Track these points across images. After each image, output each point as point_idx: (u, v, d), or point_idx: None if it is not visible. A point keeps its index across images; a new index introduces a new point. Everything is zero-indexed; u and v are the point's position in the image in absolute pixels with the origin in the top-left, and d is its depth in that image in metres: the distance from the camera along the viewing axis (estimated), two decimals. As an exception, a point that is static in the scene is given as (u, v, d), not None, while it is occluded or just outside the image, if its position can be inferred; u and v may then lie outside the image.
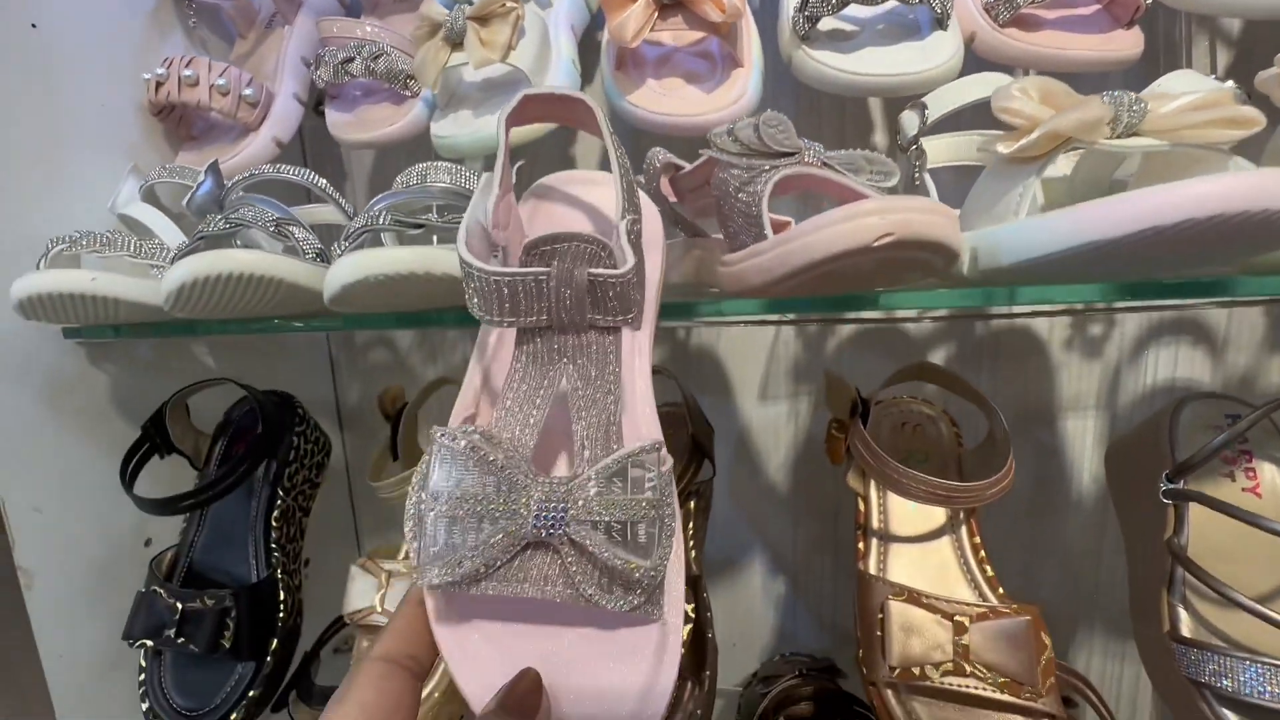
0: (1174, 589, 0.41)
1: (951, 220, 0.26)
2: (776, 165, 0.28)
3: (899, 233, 0.24)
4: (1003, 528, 0.64)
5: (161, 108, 0.58)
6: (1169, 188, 0.23)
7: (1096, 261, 0.26)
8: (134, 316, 0.46)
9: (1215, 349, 0.58)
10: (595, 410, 0.24)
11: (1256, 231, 0.24)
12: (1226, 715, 0.37)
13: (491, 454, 0.21)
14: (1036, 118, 0.28)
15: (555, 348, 0.25)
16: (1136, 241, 0.24)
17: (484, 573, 0.21)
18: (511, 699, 0.20)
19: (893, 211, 0.24)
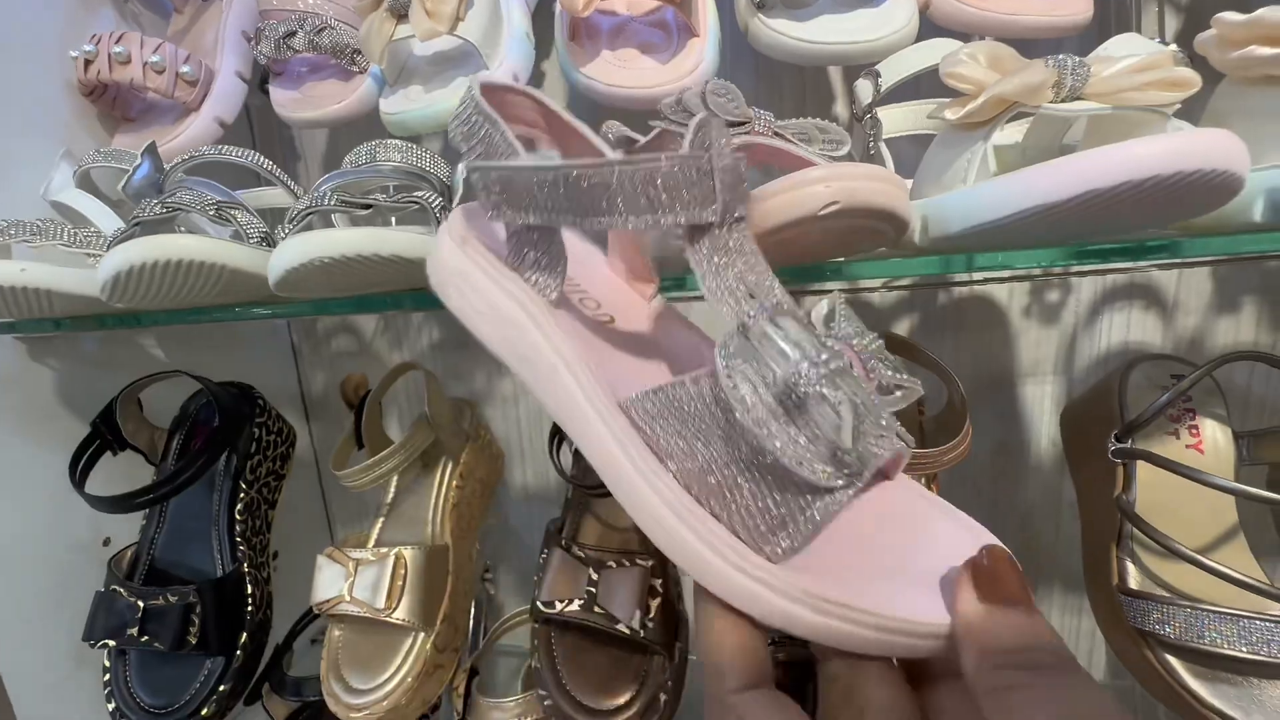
0: (1123, 544, 0.42)
1: (900, 188, 0.26)
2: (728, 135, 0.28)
3: (844, 201, 0.24)
4: (965, 491, 0.66)
5: (93, 87, 0.55)
6: (1104, 151, 0.23)
7: (1044, 225, 0.26)
8: (71, 309, 0.44)
9: (1166, 312, 0.59)
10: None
11: (1193, 192, 0.24)
12: (1169, 660, 0.38)
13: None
14: (982, 82, 0.28)
15: (725, 246, 0.21)
16: (1078, 205, 0.24)
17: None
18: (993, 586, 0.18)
19: (838, 179, 0.24)
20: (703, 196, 0.20)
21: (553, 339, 0.23)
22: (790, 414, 0.19)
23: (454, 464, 0.58)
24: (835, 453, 0.19)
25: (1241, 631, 0.36)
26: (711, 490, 0.19)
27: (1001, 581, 0.18)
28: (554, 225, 0.22)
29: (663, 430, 0.20)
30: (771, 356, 0.19)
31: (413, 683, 0.46)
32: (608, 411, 0.21)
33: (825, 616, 0.18)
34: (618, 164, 0.20)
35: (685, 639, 0.43)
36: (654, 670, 0.41)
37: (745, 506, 0.19)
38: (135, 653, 0.52)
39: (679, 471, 0.20)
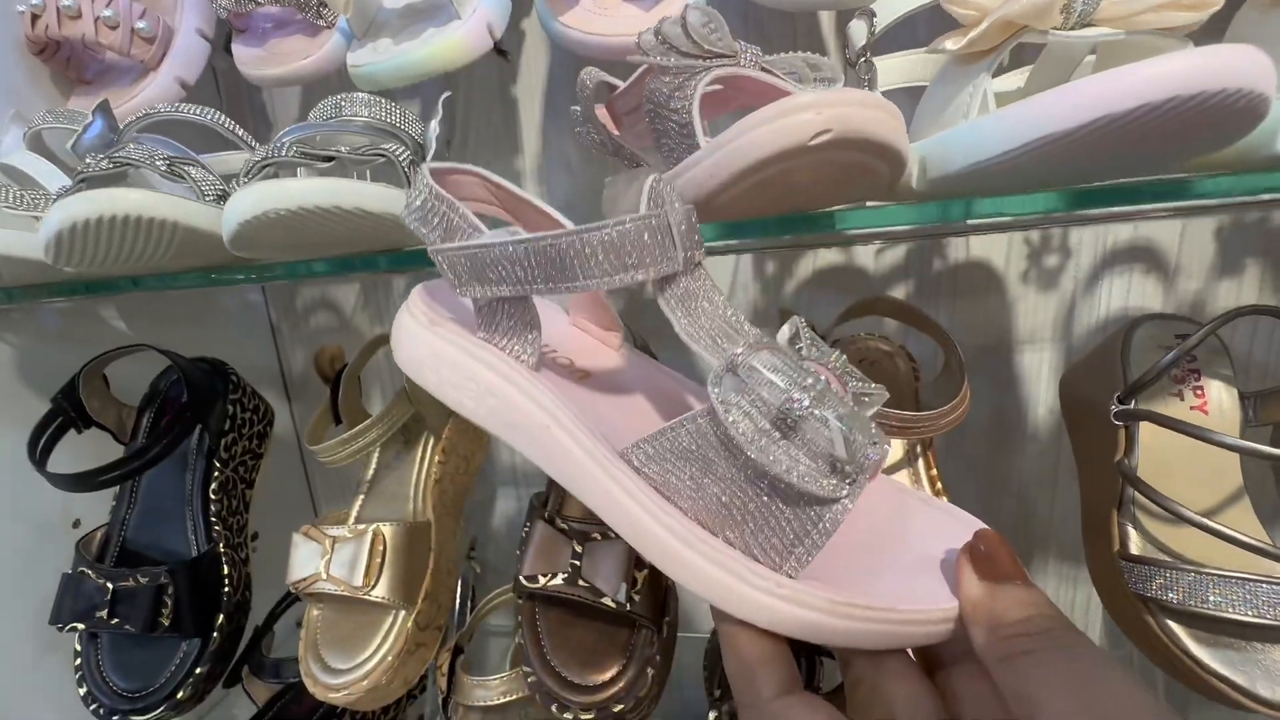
0: (1124, 509, 0.41)
1: (897, 119, 0.24)
2: (709, 66, 0.26)
3: (837, 129, 0.21)
4: (962, 460, 0.65)
5: (43, 45, 0.52)
6: (1119, 71, 0.21)
7: (1052, 161, 0.24)
8: (20, 275, 0.41)
9: (1167, 276, 0.58)
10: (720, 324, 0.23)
11: (1214, 117, 0.22)
12: (1170, 626, 0.37)
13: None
14: (986, 7, 0.26)
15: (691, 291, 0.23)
16: (1091, 133, 0.22)
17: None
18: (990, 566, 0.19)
19: (830, 105, 0.21)
20: (664, 251, 0.22)
21: (540, 400, 0.23)
22: (789, 437, 0.20)
23: (436, 439, 0.56)
24: (835, 465, 0.20)
25: (1247, 595, 0.35)
26: (723, 520, 0.21)
27: (997, 561, 0.20)
28: (526, 294, 0.23)
29: (666, 471, 0.21)
30: (762, 388, 0.20)
31: (393, 661, 0.44)
32: (608, 461, 0.22)
33: (848, 620, 0.19)
34: (582, 232, 0.21)
35: (673, 612, 0.42)
36: (641, 644, 0.39)
37: (759, 529, 0.20)
38: (108, 636, 0.50)
39: (688, 508, 0.21)
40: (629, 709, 0.37)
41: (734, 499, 0.21)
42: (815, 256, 0.63)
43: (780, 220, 0.32)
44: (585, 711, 0.37)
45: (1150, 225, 0.57)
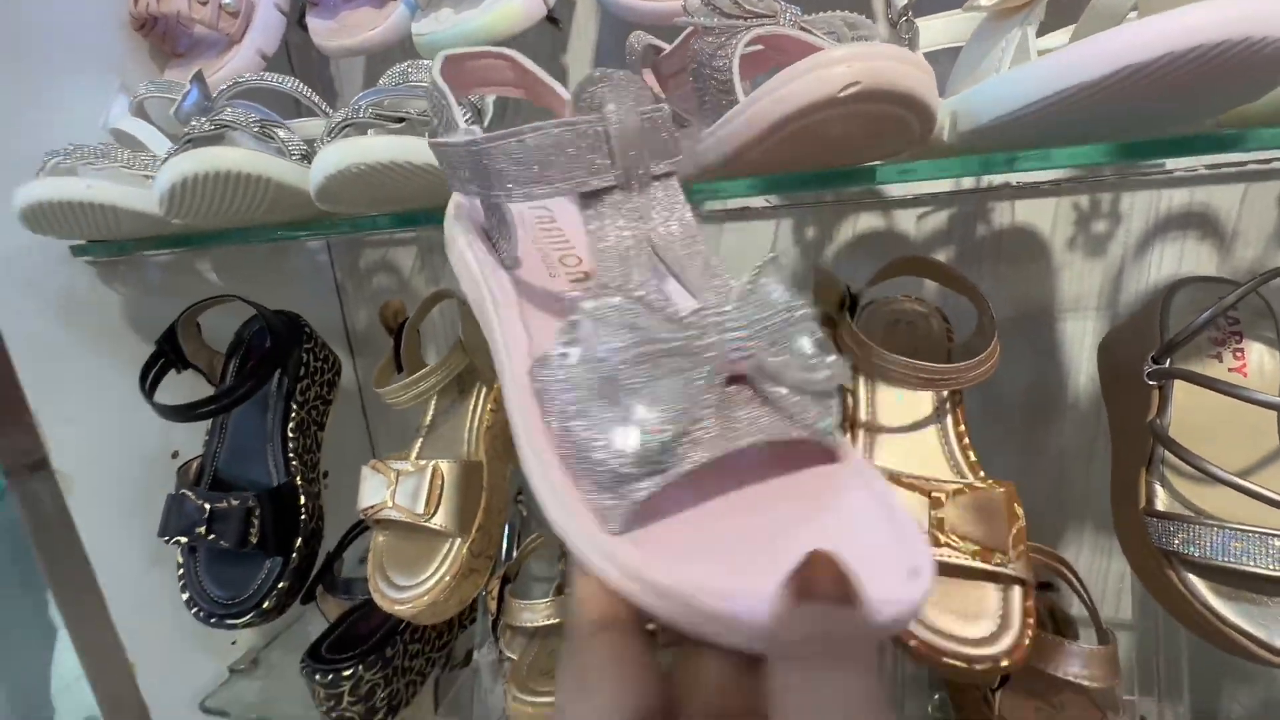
0: (1153, 468, 0.42)
1: (925, 72, 0.25)
2: (749, 26, 0.28)
3: (865, 81, 0.23)
4: (997, 430, 0.65)
5: (143, 21, 0.57)
6: (1144, 21, 0.22)
7: (1078, 113, 0.25)
8: (134, 228, 0.47)
9: (1223, 244, 0.56)
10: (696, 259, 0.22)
11: (1240, 67, 0.23)
12: (1191, 579, 0.38)
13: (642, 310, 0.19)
14: (1020, -38, 0.27)
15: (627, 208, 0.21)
16: (1116, 84, 0.23)
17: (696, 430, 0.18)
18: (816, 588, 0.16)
19: (859, 59, 0.23)
20: (596, 162, 0.21)
21: (493, 292, 0.25)
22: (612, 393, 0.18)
23: (488, 390, 0.60)
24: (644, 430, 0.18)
25: (1269, 549, 0.36)
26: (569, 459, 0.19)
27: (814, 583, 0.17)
28: (476, 197, 0.23)
29: (548, 396, 0.20)
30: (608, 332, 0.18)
31: (450, 582, 0.49)
32: (516, 372, 0.21)
33: (644, 594, 0.17)
34: (508, 136, 0.20)
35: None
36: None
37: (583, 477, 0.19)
38: (204, 550, 0.57)
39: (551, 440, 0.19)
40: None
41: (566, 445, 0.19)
42: (856, 220, 0.64)
43: (820, 175, 0.34)
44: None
45: (1208, 190, 0.55)
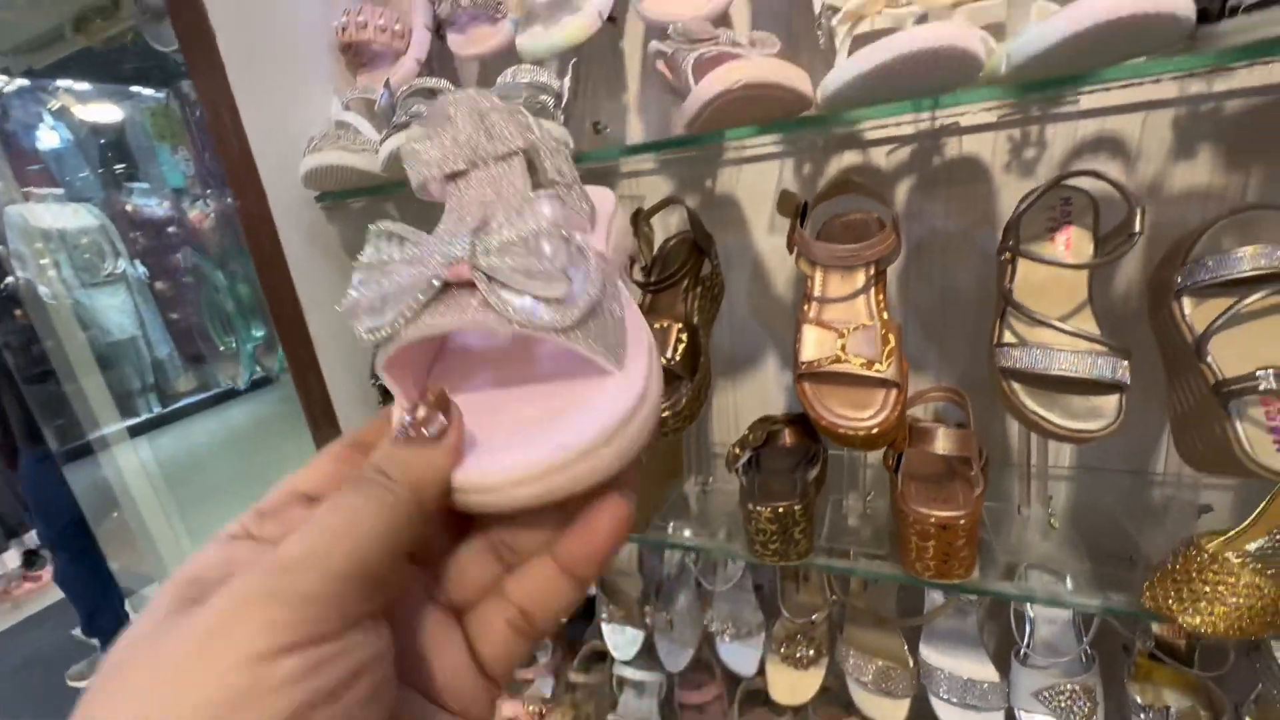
0: (1004, 318, 0.61)
1: (788, 70, 0.47)
2: (694, 49, 0.51)
3: (745, 78, 0.46)
4: (957, 313, 0.84)
5: (346, 45, 0.87)
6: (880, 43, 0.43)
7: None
8: (358, 181, 0.77)
9: (1130, 161, 0.71)
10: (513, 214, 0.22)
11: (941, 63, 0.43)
12: (1014, 385, 0.58)
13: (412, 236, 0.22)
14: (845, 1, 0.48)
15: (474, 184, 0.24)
16: (878, 72, 0.45)
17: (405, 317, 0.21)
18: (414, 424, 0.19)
19: (740, 69, 0.46)
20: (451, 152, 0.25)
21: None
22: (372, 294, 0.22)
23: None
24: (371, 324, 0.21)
25: (1051, 357, 0.55)
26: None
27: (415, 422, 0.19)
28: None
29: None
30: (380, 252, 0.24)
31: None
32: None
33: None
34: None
35: (700, 374, 0.70)
36: (681, 387, 0.68)
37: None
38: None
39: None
40: (671, 415, 0.67)
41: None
42: (840, 158, 0.84)
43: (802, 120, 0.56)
44: (647, 416, 0.67)
45: (1115, 119, 0.70)
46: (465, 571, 0.21)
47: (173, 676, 0.14)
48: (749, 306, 0.96)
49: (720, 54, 0.52)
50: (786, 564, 0.70)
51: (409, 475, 0.18)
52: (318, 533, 0.16)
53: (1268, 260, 0.52)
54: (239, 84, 0.77)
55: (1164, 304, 0.58)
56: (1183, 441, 0.58)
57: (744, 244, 0.93)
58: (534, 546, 0.20)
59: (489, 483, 0.19)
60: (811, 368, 0.62)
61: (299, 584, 0.15)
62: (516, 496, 0.18)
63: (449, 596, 0.20)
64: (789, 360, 0.99)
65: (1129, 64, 0.43)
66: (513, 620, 0.20)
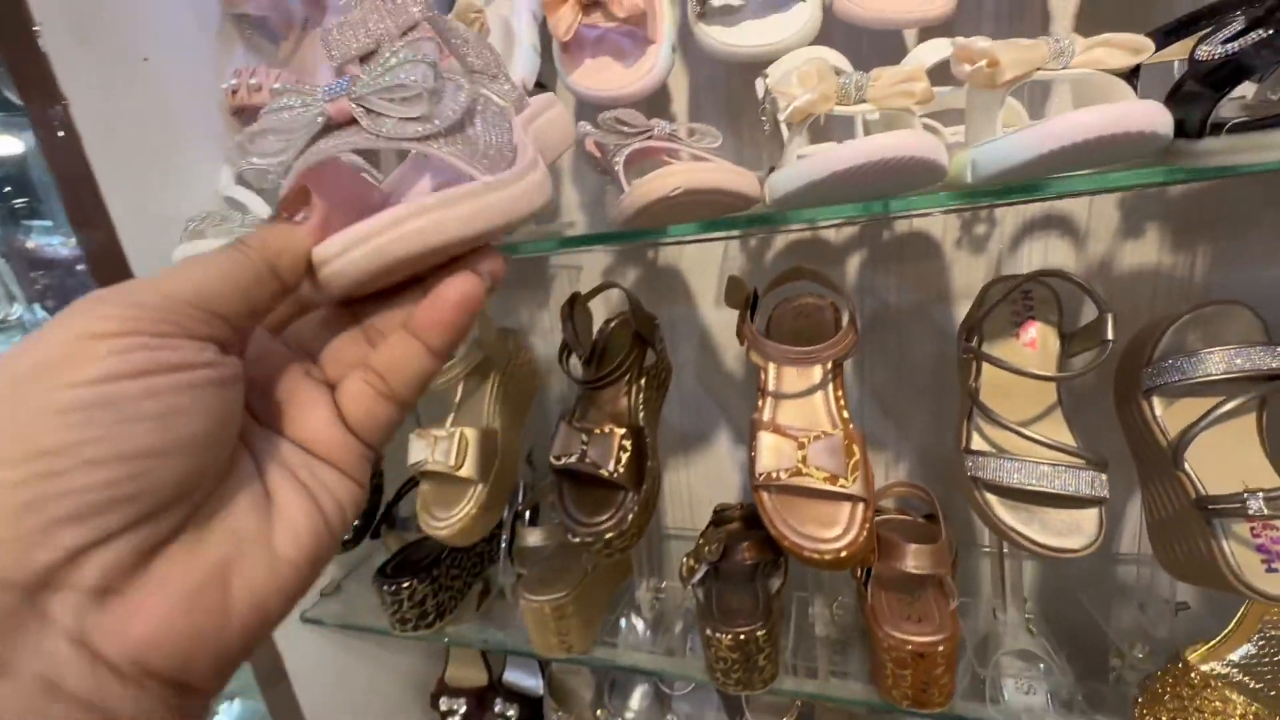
0: (971, 419, 0.57)
1: (730, 174, 0.41)
2: (627, 143, 0.44)
3: (685, 184, 0.40)
4: (912, 391, 0.80)
5: (238, 109, 0.77)
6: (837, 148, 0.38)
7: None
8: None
9: (1078, 240, 0.69)
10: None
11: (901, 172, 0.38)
12: (988, 496, 0.54)
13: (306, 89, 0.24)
14: (794, 97, 0.42)
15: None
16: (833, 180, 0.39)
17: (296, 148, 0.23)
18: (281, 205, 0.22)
19: (682, 173, 0.40)
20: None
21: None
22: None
23: (500, 374, 0.79)
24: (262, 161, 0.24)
25: (1030, 471, 0.51)
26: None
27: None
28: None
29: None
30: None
31: (475, 514, 0.68)
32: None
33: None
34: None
35: (649, 484, 0.62)
36: (626, 500, 0.60)
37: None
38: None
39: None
40: (615, 537, 0.58)
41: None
42: (788, 235, 0.79)
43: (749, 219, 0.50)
44: (588, 537, 0.59)
45: (1063, 200, 0.68)
46: (338, 352, 0.23)
47: (20, 347, 0.16)
48: (698, 380, 0.90)
49: (654, 149, 0.46)
50: (751, 692, 0.63)
51: (264, 244, 0.21)
52: (164, 272, 0.19)
53: (1240, 361, 0.49)
54: (100, 157, 0.65)
55: (1132, 400, 0.55)
56: (1162, 548, 0.54)
57: (691, 316, 0.87)
58: (395, 325, 0.23)
59: (330, 251, 0.21)
60: (771, 479, 0.56)
61: (135, 294, 0.18)
62: (352, 259, 0.21)
63: (325, 374, 0.23)
64: (741, 435, 0.93)
65: (1099, 176, 0.39)
66: (372, 382, 0.22)
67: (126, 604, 0.16)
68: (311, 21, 0.80)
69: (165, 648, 0.16)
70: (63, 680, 0.15)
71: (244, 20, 0.79)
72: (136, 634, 0.16)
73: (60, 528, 0.15)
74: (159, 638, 0.16)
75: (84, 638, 0.15)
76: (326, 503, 0.21)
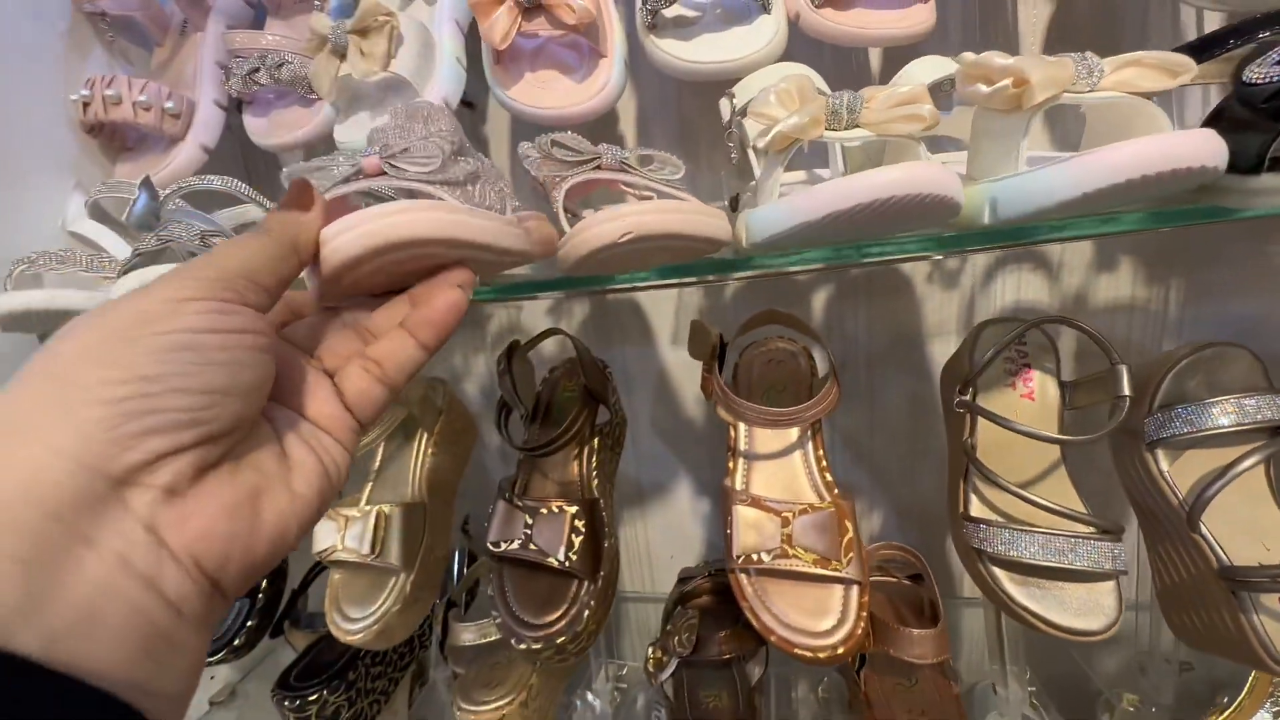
0: (968, 479, 0.50)
1: (693, 216, 0.33)
2: (568, 176, 0.36)
3: (636, 230, 0.31)
4: (886, 435, 0.74)
5: (92, 126, 0.64)
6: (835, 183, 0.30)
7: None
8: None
9: (1052, 273, 0.66)
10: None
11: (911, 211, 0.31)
12: (995, 571, 0.47)
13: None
14: (775, 117, 0.35)
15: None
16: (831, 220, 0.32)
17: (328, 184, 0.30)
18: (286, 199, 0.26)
19: (632, 215, 0.31)
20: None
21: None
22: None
23: (429, 434, 0.67)
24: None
25: (1043, 544, 0.45)
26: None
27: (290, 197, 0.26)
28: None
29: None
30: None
31: (398, 611, 0.56)
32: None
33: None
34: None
35: (607, 569, 0.53)
36: (580, 593, 0.51)
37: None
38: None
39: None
40: (569, 641, 0.48)
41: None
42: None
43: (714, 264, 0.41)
44: (536, 643, 0.48)
45: (1036, 229, 0.65)
46: (333, 346, 0.28)
47: (122, 303, 0.20)
48: (654, 428, 0.81)
49: (600, 181, 0.37)
50: (733, 808, 0.53)
51: (282, 225, 0.25)
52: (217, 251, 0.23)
53: (1252, 412, 0.45)
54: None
55: (1133, 450, 0.50)
56: (1176, 615, 0.49)
57: (646, 357, 0.78)
58: (387, 327, 0.28)
59: (332, 231, 0.26)
60: (752, 563, 0.48)
61: (202, 270, 0.22)
62: (347, 239, 0.25)
63: (323, 364, 0.27)
64: (704, 487, 0.85)
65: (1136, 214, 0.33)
66: (369, 367, 0.27)
67: (186, 505, 0.20)
68: (192, 25, 0.68)
69: (211, 545, 0.20)
70: (133, 559, 0.18)
71: (101, 20, 0.66)
72: (192, 529, 0.20)
73: (148, 436, 0.19)
74: (207, 536, 0.20)
75: (153, 526, 0.19)
76: (327, 461, 0.25)
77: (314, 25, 0.53)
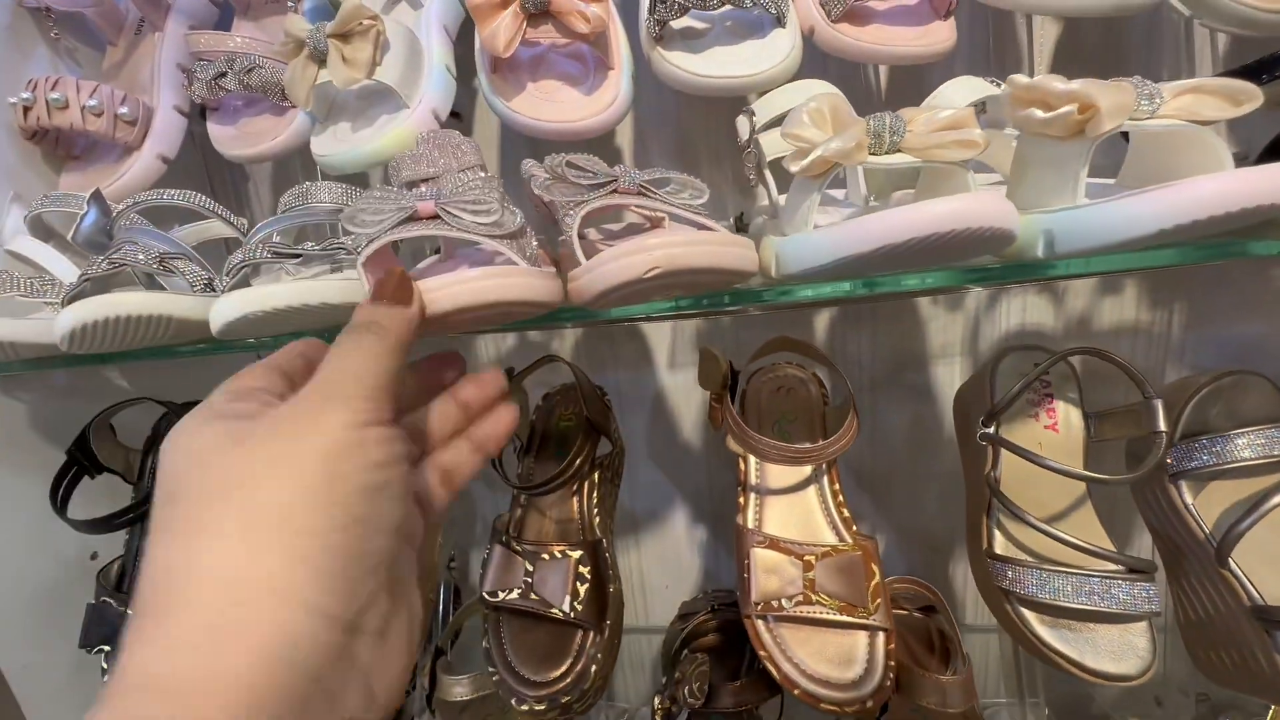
0: (991, 514, 0.48)
1: (722, 248, 0.30)
2: (584, 200, 0.32)
3: (664, 265, 0.28)
4: (888, 460, 0.72)
5: (34, 132, 0.58)
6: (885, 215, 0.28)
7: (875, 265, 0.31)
8: (37, 354, 0.47)
9: (1057, 296, 0.65)
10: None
11: (967, 244, 0.29)
12: (1023, 612, 0.45)
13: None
14: (814, 140, 0.32)
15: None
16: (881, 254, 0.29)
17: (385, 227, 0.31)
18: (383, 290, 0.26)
19: (659, 248, 0.28)
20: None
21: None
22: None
23: (412, 467, 0.63)
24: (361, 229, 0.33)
25: (1076, 586, 0.43)
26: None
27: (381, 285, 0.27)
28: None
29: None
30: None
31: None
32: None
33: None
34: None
35: (613, 616, 0.49)
36: (586, 645, 0.47)
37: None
38: (130, 654, 0.57)
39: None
40: (575, 700, 0.45)
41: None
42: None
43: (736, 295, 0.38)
44: (539, 703, 0.44)
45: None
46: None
47: (293, 432, 0.20)
48: (650, 452, 0.78)
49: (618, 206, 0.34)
50: None
51: (393, 321, 0.25)
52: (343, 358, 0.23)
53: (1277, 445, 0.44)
54: None
55: (1155, 483, 0.49)
56: (1203, 652, 0.48)
57: (641, 380, 0.75)
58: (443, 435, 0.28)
59: (429, 285, 0.28)
60: (772, 610, 0.44)
61: (348, 385, 0.22)
62: (443, 294, 0.28)
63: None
64: (700, 515, 0.82)
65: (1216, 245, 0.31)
66: (444, 479, 0.27)
67: (386, 646, 0.20)
68: (149, 24, 0.62)
69: (401, 687, 0.21)
70: (358, 716, 0.19)
71: (45, 15, 0.60)
72: (393, 672, 0.20)
73: (367, 577, 0.20)
74: (401, 681, 0.21)
75: (368, 677, 0.20)
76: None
77: (289, 28, 0.49)
